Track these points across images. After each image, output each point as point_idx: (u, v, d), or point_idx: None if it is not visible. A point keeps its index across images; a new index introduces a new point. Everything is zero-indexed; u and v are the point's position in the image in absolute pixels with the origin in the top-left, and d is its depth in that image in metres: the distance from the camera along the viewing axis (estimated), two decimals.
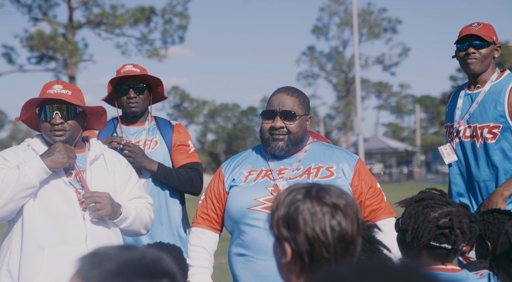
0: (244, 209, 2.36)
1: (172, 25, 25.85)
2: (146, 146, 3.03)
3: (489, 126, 2.83)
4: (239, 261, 2.38)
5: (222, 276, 6.99)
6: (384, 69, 48.47)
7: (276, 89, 2.51)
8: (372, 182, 2.46)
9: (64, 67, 24.63)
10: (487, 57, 2.87)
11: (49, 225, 2.36)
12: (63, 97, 2.38)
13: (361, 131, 19.35)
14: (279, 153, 2.42)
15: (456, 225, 1.78)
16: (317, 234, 1.18)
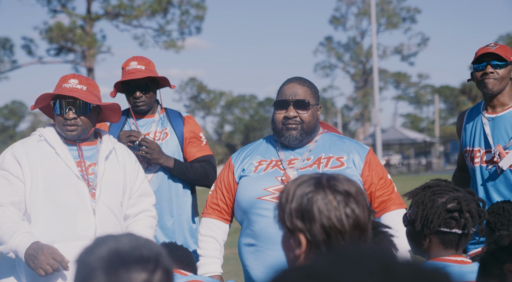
0: (254, 199, 2.37)
1: (189, 16, 25.87)
2: (156, 137, 3.04)
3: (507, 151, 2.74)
4: (249, 251, 2.39)
5: (238, 266, 7.03)
6: (403, 59, 47.98)
7: (287, 79, 2.51)
8: (383, 173, 2.45)
9: (83, 59, 24.83)
10: (505, 78, 2.78)
11: (58, 219, 2.36)
12: (77, 92, 2.40)
13: (379, 122, 19.23)
14: (293, 142, 2.42)
15: (465, 208, 1.76)
16: (333, 223, 1.18)
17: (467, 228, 1.77)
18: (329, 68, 48.86)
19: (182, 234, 3.05)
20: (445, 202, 1.78)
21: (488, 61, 2.79)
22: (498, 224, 2.39)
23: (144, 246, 1.08)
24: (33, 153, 2.41)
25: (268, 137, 2.59)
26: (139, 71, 2.96)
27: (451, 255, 1.81)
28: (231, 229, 10.03)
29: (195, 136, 3.11)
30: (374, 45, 20.64)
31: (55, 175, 2.39)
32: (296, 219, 1.21)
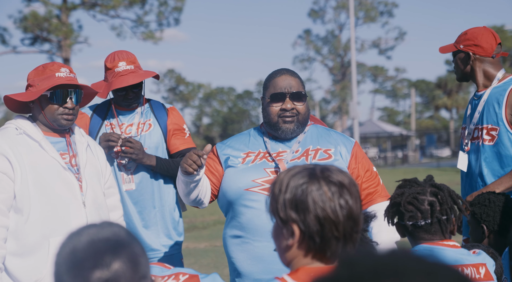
0: (242, 190, 2.36)
1: (167, 7, 25.64)
2: (139, 129, 3.02)
3: (488, 127, 2.85)
4: (235, 243, 2.38)
5: (217, 259, 7.03)
6: (380, 53, 48.34)
7: (274, 71, 2.49)
8: (369, 165, 2.48)
9: (58, 49, 24.45)
10: (459, 65, 2.97)
11: (52, 214, 2.32)
12: (74, 81, 2.41)
13: (357, 115, 19.36)
14: (290, 135, 2.43)
15: (405, 201, 1.89)
16: (327, 214, 1.19)
17: (408, 220, 1.89)
18: (308, 61, 48.99)
19: (164, 225, 3.04)
20: (392, 197, 1.97)
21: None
22: (483, 215, 2.43)
23: (101, 239, 1.07)
24: (17, 147, 2.34)
25: (255, 129, 2.58)
26: (130, 72, 2.93)
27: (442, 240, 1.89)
28: (210, 222, 10.05)
29: (179, 128, 3.10)
30: (352, 39, 20.74)
31: (42, 168, 2.35)
32: (290, 209, 1.21)
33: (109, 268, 1.04)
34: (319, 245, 1.21)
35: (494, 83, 2.90)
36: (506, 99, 2.81)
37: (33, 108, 2.44)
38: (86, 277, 1.04)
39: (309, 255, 1.23)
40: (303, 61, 48.94)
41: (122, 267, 1.05)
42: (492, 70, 2.92)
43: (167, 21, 25.92)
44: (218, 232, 9.55)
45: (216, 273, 1.58)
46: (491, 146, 2.85)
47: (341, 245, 1.20)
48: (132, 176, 2.97)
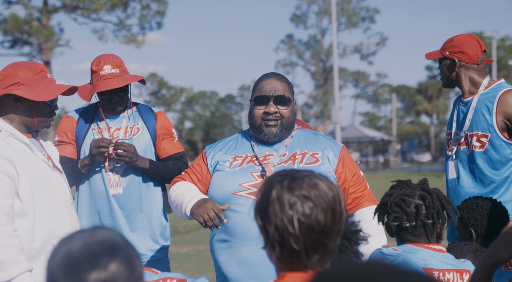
0: (228, 194, 2.36)
1: (149, 10, 25.55)
2: (127, 133, 3.00)
3: (478, 134, 2.87)
4: (222, 247, 2.37)
5: (200, 263, 7.00)
6: (362, 58, 48.70)
7: (262, 75, 2.50)
8: (356, 170, 2.48)
9: (39, 52, 24.20)
10: (445, 71, 3.01)
11: (53, 215, 2.31)
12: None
13: (339, 120, 19.47)
14: (273, 139, 2.43)
15: (392, 202, 1.91)
16: (285, 225, 1.18)
17: (394, 221, 1.91)
18: (290, 66, 49.16)
19: (151, 230, 3.02)
20: (383, 197, 1.97)
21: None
22: (471, 219, 2.45)
23: (96, 242, 1.07)
24: (14, 149, 2.29)
25: (242, 133, 2.58)
26: (115, 76, 2.90)
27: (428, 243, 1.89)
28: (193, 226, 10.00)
29: (167, 132, 3.09)
30: (335, 44, 20.88)
31: (36, 171, 2.31)
32: (257, 216, 1.23)
33: (106, 269, 1.04)
34: (281, 255, 1.21)
35: (481, 89, 2.93)
36: (496, 106, 2.84)
37: (18, 108, 2.34)
38: (83, 279, 1.04)
39: (288, 262, 1.22)
40: (286, 66, 49.10)
41: (119, 268, 1.05)
42: (478, 77, 2.95)
43: (149, 25, 25.84)
44: (201, 236, 9.50)
45: (204, 277, 1.57)
46: (481, 153, 2.86)
47: (308, 256, 1.19)
48: (119, 180, 2.94)
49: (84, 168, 2.91)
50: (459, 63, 2.94)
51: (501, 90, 2.87)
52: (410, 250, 1.86)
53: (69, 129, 3.00)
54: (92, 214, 2.98)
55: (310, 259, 1.19)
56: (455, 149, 2.98)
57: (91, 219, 2.98)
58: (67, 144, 3.00)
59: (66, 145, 3.00)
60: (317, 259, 1.20)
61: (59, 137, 3.02)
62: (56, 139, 3.03)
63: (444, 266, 1.83)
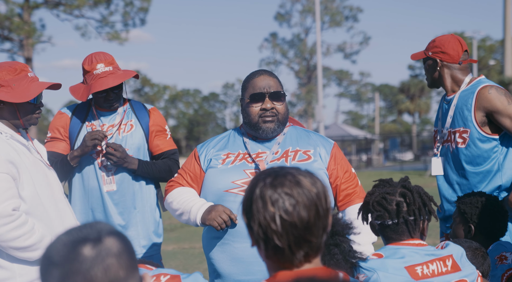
0: (221, 191, 2.36)
1: (133, 7, 25.37)
2: (121, 129, 2.99)
3: (460, 131, 2.92)
4: (215, 244, 2.38)
5: (186, 261, 6.99)
6: (345, 57, 48.93)
7: (252, 72, 2.51)
8: (348, 166, 2.50)
9: (20, 48, 23.89)
10: (428, 71, 3.05)
11: (56, 213, 2.35)
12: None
13: (322, 119, 19.56)
14: (271, 135, 2.44)
15: (374, 201, 1.93)
16: (267, 222, 1.19)
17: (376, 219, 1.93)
18: (274, 64, 49.19)
19: (145, 227, 3.02)
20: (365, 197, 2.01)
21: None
22: (474, 216, 2.49)
23: (95, 224, 1.08)
24: (17, 151, 2.33)
25: (234, 130, 2.58)
26: (109, 74, 2.89)
27: (408, 239, 1.91)
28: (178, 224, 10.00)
29: (160, 129, 3.09)
30: (318, 43, 20.95)
31: (36, 170, 2.35)
32: (243, 213, 1.25)
33: (100, 243, 1.03)
34: (266, 252, 1.22)
35: (462, 87, 2.98)
36: (474, 101, 2.88)
37: (3, 109, 2.37)
38: (78, 251, 1.02)
39: (278, 263, 1.23)
40: (269, 64, 49.11)
41: (114, 241, 1.04)
42: (460, 76, 3.00)
43: (132, 22, 25.65)
44: (186, 234, 9.48)
45: (198, 272, 1.57)
46: (463, 149, 2.91)
47: (292, 252, 1.20)
48: (113, 176, 2.94)
49: (74, 161, 2.89)
50: (441, 63, 3.00)
51: (479, 85, 2.92)
52: (390, 253, 1.87)
53: (62, 125, 2.98)
54: (85, 210, 2.97)
55: (295, 255, 1.20)
56: (441, 147, 3.04)
57: (84, 216, 2.97)
58: (60, 141, 2.98)
59: (59, 141, 2.98)
60: (302, 255, 1.21)
61: (52, 133, 3.00)
62: (49, 135, 3.01)
63: (426, 258, 1.86)
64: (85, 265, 1.01)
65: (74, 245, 1.03)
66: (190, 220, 2.37)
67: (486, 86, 2.89)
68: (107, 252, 1.03)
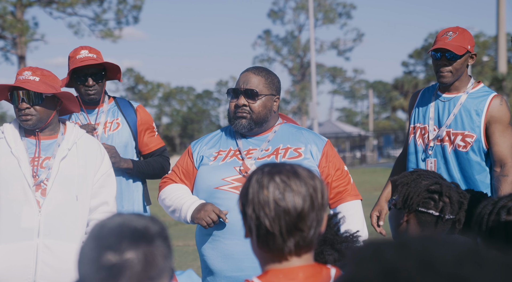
0: (212, 188, 2.38)
1: (126, 5, 25.30)
2: (106, 128, 2.99)
3: (464, 134, 2.82)
4: (206, 241, 2.40)
5: (180, 258, 7.00)
6: (339, 54, 48.99)
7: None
8: (340, 164, 2.49)
9: (13, 46, 23.79)
10: (460, 69, 2.81)
11: (6, 218, 2.39)
12: (29, 83, 2.45)
13: (316, 116, 19.58)
14: (242, 130, 2.44)
15: (445, 192, 1.87)
16: (261, 206, 1.20)
17: (443, 211, 1.87)
18: (268, 62, 49.17)
19: None
20: (428, 184, 1.91)
21: (443, 53, 2.79)
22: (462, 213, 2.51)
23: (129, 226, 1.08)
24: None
25: (227, 127, 2.60)
26: (91, 59, 2.90)
27: None
28: (171, 221, 9.99)
29: (148, 127, 3.10)
30: (312, 40, 20.96)
31: (6, 172, 2.43)
32: (240, 200, 1.26)
33: (122, 255, 1.04)
34: (258, 239, 1.23)
35: (469, 88, 2.86)
36: (486, 109, 2.79)
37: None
38: (99, 253, 1.05)
39: (269, 254, 1.24)
40: (263, 61, 49.10)
41: (134, 259, 1.05)
42: (468, 76, 2.90)
43: (126, 19, 25.58)
44: (180, 231, 9.49)
45: (191, 269, 1.59)
46: (463, 153, 2.82)
47: (284, 240, 1.21)
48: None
49: None
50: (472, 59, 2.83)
51: (491, 93, 2.83)
52: None
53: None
54: None
55: (286, 243, 1.21)
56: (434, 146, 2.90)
57: None
58: None
59: None
60: (293, 244, 1.21)
61: None
62: None
63: None
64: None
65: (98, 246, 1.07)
66: (181, 218, 2.40)
67: (498, 95, 2.82)
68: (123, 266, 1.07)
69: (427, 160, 2.89)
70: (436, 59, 2.83)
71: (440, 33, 2.87)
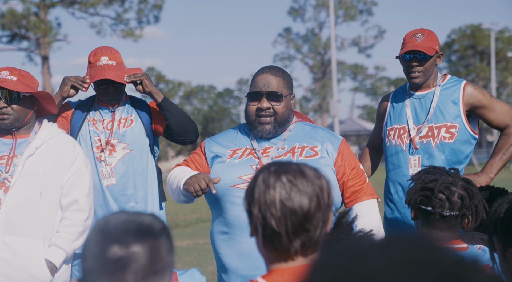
0: (228, 186, 2.37)
1: (147, 4, 25.49)
2: (121, 124, 3.02)
3: (447, 125, 2.88)
4: (222, 239, 2.40)
5: (200, 257, 7.04)
6: (360, 51, 48.65)
7: (259, 69, 2.51)
8: (355, 163, 2.47)
9: (37, 47, 24.15)
10: (430, 68, 2.90)
11: None
12: (6, 83, 2.49)
13: (337, 113, 19.48)
14: (267, 136, 2.44)
15: (439, 189, 1.85)
16: (267, 206, 1.20)
17: (437, 207, 1.85)
18: (288, 59, 49.09)
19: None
20: (424, 181, 1.90)
21: (413, 55, 2.89)
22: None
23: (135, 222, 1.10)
24: None
25: (242, 125, 2.59)
26: (111, 68, 2.93)
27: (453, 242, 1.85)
28: (192, 220, 10.05)
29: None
30: (332, 37, 20.84)
31: None
32: (245, 199, 1.26)
33: (128, 248, 1.06)
34: (263, 239, 1.22)
35: (439, 81, 2.95)
36: (462, 97, 2.88)
37: None
38: (105, 246, 1.07)
39: (274, 254, 1.23)
40: (284, 59, 49.03)
41: (140, 253, 1.07)
42: (435, 72, 2.98)
43: (146, 19, 25.78)
44: (200, 230, 9.54)
45: (195, 268, 1.59)
46: (450, 144, 2.88)
47: (290, 240, 1.20)
48: (111, 171, 2.97)
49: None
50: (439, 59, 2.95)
51: (462, 81, 2.94)
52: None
53: (64, 115, 3.05)
54: None
55: (292, 243, 1.20)
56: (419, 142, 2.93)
57: None
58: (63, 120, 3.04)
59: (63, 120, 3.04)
60: (299, 244, 1.21)
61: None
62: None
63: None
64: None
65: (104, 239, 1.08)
66: (179, 189, 2.37)
67: (468, 82, 2.92)
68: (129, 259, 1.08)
69: (410, 157, 2.92)
70: (406, 60, 2.94)
71: (408, 35, 2.98)
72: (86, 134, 2.99)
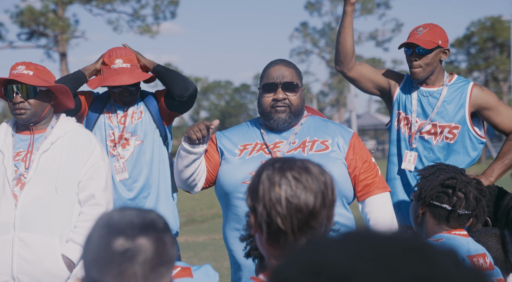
0: (239, 183, 2.37)
1: (163, 0, 25.56)
2: (133, 118, 3.05)
3: (451, 126, 2.88)
4: (234, 236, 2.39)
5: (216, 252, 7.06)
6: (377, 45, 48.26)
7: (270, 62, 2.50)
8: (367, 156, 2.47)
9: (55, 44, 24.38)
10: (430, 64, 2.87)
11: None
12: (22, 77, 2.48)
13: (354, 108, 19.41)
14: (282, 125, 2.43)
15: (459, 187, 1.88)
16: (273, 204, 1.19)
17: (456, 206, 1.88)
18: (305, 54, 48.92)
19: (158, 209, 3.04)
20: (444, 178, 1.92)
21: (414, 49, 2.89)
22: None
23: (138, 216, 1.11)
24: None
25: (252, 121, 2.59)
26: (125, 71, 2.96)
27: (445, 232, 1.89)
28: (209, 215, 10.10)
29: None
30: None
31: None
32: (248, 196, 1.25)
33: (134, 240, 1.07)
34: (268, 237, 1.21)
35: (446, 81, 2.94)
36: (469, 99, 2.87)
37: None
38: (111, 239, 1.07)
39: (278, 251, 1.22)
40: (300, 54, 48.87)
41: (146, 244, 1.08)
42: (441, 69, 2.97)
43: (163, 15, 25.86)
44: (217, 225, 9.57)
45: (208, 264, 1.59)
46: (450, 144, 2.89)
47: (296, 238, 1.19)
48: (124, 165, 2.99)
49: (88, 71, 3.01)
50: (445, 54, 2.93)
51: (469, 82, 2.93)
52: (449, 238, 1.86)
53: (86, 96, 3.09)
54: None
55: (297, 240, 1.20)
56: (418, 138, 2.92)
57: None
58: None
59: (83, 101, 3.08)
60: (304, 241, 1.20)
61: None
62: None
63: (474, 252, 1.87)
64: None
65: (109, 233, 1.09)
66: (179, 155, 2.39)
67: (476, 84, 2.92)
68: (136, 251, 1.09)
69: (407, 152, 2.92)
70: (408, 55, 2.94)
71: (412, 30, 2.97)
72: (101, 126, 3.03)
